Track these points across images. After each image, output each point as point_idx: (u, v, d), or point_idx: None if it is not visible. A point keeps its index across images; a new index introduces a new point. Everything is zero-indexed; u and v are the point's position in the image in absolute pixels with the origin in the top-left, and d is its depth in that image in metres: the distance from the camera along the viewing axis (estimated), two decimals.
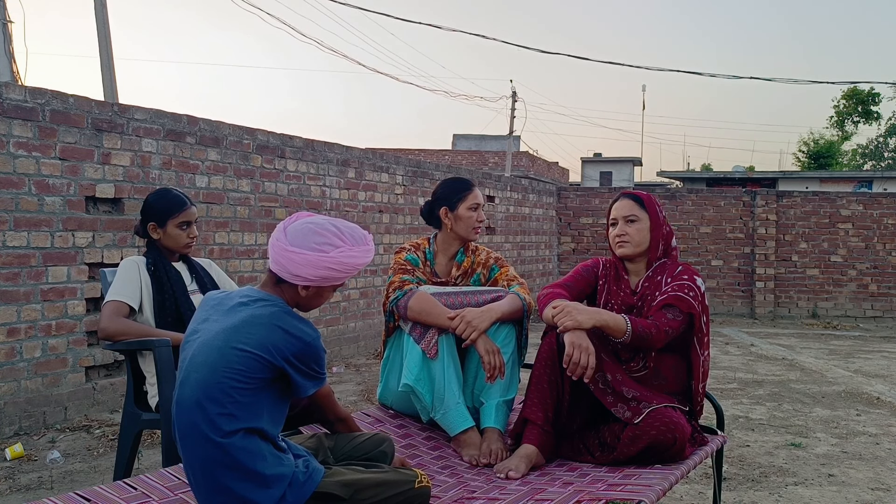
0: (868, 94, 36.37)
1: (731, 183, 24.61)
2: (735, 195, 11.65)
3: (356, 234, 1.95)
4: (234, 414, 1.76)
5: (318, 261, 1.87)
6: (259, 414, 1.80)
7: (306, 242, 1.88)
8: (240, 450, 1.76)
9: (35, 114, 4.38)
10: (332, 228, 1.91)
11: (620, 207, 2.76)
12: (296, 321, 1.85)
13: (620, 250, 2.75)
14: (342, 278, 1.93)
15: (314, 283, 1.90)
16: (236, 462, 1.76)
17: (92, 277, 4.67)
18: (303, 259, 1.87)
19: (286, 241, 1.89)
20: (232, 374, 1.77)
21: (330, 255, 1.87)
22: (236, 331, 1.81)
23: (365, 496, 1.87)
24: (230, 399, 1.76)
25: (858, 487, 3.60)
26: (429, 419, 2.78)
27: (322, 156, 6.82)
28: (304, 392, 1.88)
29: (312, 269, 1.87)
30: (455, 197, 2.95)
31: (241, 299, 1.90)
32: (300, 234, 1.89)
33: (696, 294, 2.62)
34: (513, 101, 29.16)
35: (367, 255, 1.96)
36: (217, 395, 1.77)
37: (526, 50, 59.48)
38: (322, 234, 1.89)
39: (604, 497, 2.10)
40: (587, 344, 2.44)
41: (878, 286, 11.22)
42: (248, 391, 1.78)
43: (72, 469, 3.74)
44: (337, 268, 1.89)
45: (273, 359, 1.79)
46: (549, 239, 11.61)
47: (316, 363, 1.87)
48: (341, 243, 1.90)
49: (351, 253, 1.90)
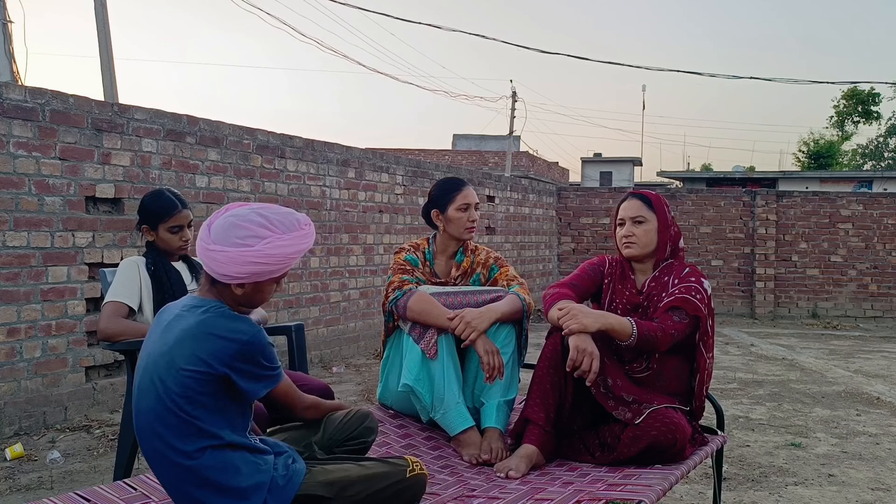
0: (868, 94, 36.41)
1: (731, 183, 24.60)
2: (735, 195, 11.66)
3: (287, 221, 1.79)
4: (194, 434, 1.69)
5: (241, 256, 1.72)
6: (221, 427, 1.71)
7: (228, 238, 1.74)
8: (210, 468, 1.69)
9: (35, 114, 4.38)
10: (258, 219, 1.76)
11: (628, 208, 2.72)
12: (228, 322, 1.73)
13: (627, 251, 2.71)
14: (277, 271, 1.79)
15: (245, 279, 1.76)
16: (208, 481, 1.70)
17: (92, 277, 4.67)
18: (225, 257, 1.73)
19: (209, 239, 1.75)
20: (179, 397, 1.69)
21: (255, 249, 1.73)
22: (171, 351, 1.72)
23: (352, 492, 1.79)
24: (185, 421, 1.69)
25: (858, 487, 3.60)
26: (429, 419, 2.78)
27: (322, 156, 6.82)
28: (255, 395, 1.76)
29: (237, 266, 1.73)
30: (445, 199, 2.95)
31: (178, 311, 1.80)
32: (222, 229, 1.75)
33: (702, 297, 2.60)
34: (513, 101, 29.17)
35: (302, 241, 1.80)
36: (171, 420, 1.70)
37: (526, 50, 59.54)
38: (245, 226, 1.74)
39: (604, 497, 2.10)
40: (592, 348, 2.42)
41: (878, 286, 11.22)
42: (202, 408, 1.69)
43: (72, 469, 3.74)
44: (265, 261, 1.74)
45: (212, 369, 1.68)
46: (549, 239, 11.61)
47: (262, 360, 1.74)
48: (268, 233, 1.75)
49: (280, 243, 1.75)
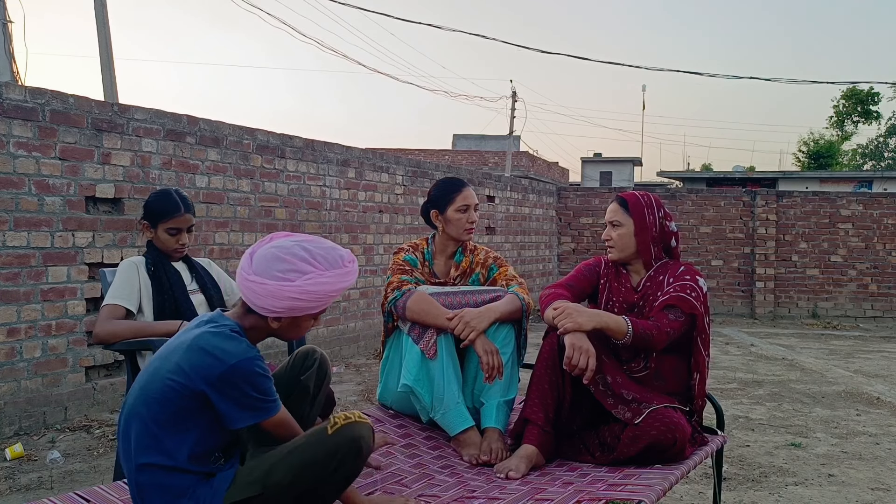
0: (868, 94, 36.40)
1: (731, 183, 24.60)
2: (735, 195, 11.65)
3: (331, 256, 1.74)
4: (150, 447, 1.66)
5: (280, 291, 1.67)
6: (180, 448, 1.66)
7: (269, 270, 1.69)
8: (148, 486, 1.67)
9: (35, 114, 4.38)
10: (301, 252, 1.71)
11: (609, 211, 2.79)
12: (222, 341, 1.65)
13: (608, 254, 2.80)
14: (315, 308, 1.73)
15: (281, 314, 1.71)
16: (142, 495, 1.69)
17: (92, 277, 4.67)
18: (264, 290, 1.68)
19: (250, 269, 1.71)
20: (155, 403, 1.66)
21: (294, 284, 1.67)
22: (166, 357, 1.70)
23: (278, 477, 1.69)
24: (149, 430, 1.66)
25: (858, 487, 3.60)
26: (428, 419, 2.77)
27: (322, 156, 6.82)
28: (233, 423, 1.65)
29: (275, 301, 1.68)
30: (444, 199, 2.95)
31: (196, 321, 1.77)
32: (264, 260, 1.70)
33: (698, 294, 2.62)
34: (513, 101, 29.18)
35: (344, 279, 1.74)
36: (132, 425, 1.68)
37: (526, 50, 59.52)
38: (287, 259, 1.69)
39: (604, 497, 2.10)
40: (587, 346, 2.44)
41: (878, 286, 11.22)
42: (171, 421, 1.64)
43: (72, 469, 3.74)
44: (304, 297, 1.68)
45: (189, 382, 1.62)
46: (549, 239, 11.61)
47: (249, 388, 1.64)
48: (310, 269, 1.69)
49: (321, 280, 1.70)
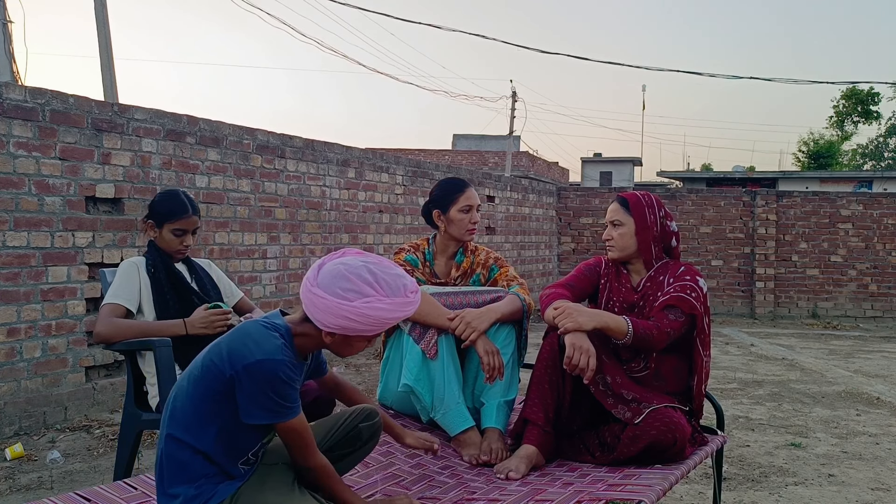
0: (868, 94, 36.39)
1: (731, 183, 24.61)
2: (735, 195, 11.65)
3: (395, 284, 1.75)
4: (178, 421, 1.73)
5: (339, 308, 1.69)
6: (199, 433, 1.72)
7: (332, 286, 1.71)
8: (166, 456, 1.74)
9: (35, 114, 4.38)
10: (366, 275, 1.72)
11: (609, 210, 2.79)
12: (260, 336, 1.70)
13: (608, 254, 2.80)
14: (369, 331, 1.74)
15: (335, 330, 1.73)
16: (161, 464, 1.75)
17: (92, 277, 4.67)
18: (322, 304, 1.71)
19: (315, 281, 1.74)
20: (192, 380, 1.74)
21: (352, 305, 1.69)
22: (216, 343, 1.77)
23: None
24: (181, 405, 1.74)
25: (858, 487, 3.60)
26: (429, 419, 2.77)
27: (322, 156, 6.82)
28: (247, 416, 1.70)
29: (331, 317, 1.71)
30: (446, 199, 2.95)
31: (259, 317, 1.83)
32: (329, 275, 1.73)
33: (698, 295, 2.62)
34: (513, 101, 29.17)
35: (402, 309, 1.75)
36: (178, 397, 1.76)
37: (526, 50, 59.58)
38: (352, 279, 1.71)
39: (604, 497, 2.10)
40: (588, 346, 2.44)
41: (878, 286, 11.22)
42: (201, 401, 1.71)
43: (72, 469, 3.74)
44: (359, 319, 1.70)
45: (223, 364, 1.68)
46: (549, 239, 11.61)
47: (268, 388, 1.68)
48: (372, 292, 1.71)
49: (379, 305, 1.71)
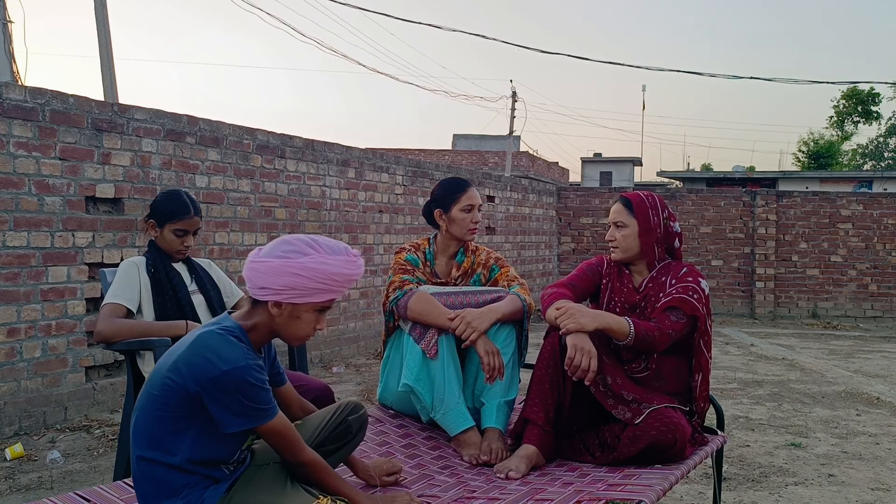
0: (868, 94, 36.37)
1: (731, 183, 24.61)
2: (735, 195, 11.65)
3: (335, 246, 1.81)
4: (145, 441, 1.75)
5: (282, 267, 1.75)
6: (177, 447, 1.74)
7: (274, 251, 1.78)
8: (141, 477, 1.77)
9: (35, 114, 4.38)
10: (307, 240, 1.80)
11: (612, 211, 2.79)
12: (219, 345, 1.72)
13: (612, 254, 2.80)
14: (316, 291, 1.78)
15: (281, 295, 1.76)
16: (139, 485, 1.78)
17: (92, 277, 4.67)
18: (266, 266, 1.76)
19: (257, 254, 1.80)
20: (151, 400, 1.74)
21: (295, 261, 1.75)
22: (168, 355, 1.78)
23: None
24: (146, 425, 1.75)
25: (858, 487, 3.60)
26: (429, 419, 2.77)
27: (322, 156, 6.82)
28: (226, 427, 1.72)
29: (276, 277, 1.75)
30: (448, 199, 2.95)
31: (202, 326, 1.84)
32: (271, 245, 1.81)
33: (699, 296, 2.62)
34: (513, 101, 29.14)
35: (346, 266, 1.80)
36: (139, 419, 1.77)
37: (526, 50, 59.35)
38: (293, 243, 1.79)
39: (604, 497, 2.10)
40: (589, 347, 2.44)
41: (878, 286, 11.22)
42: (166, 419, 1.73)
43: (72, 469, 3.74)
44: (304, 274, 1.75)
45: (185, 382, 1.69)
46: (549, 239, 11.61)
47: (239, 395, 1.70)
48: (312, 251, 1.77)
49: (324, 260, 1.76)
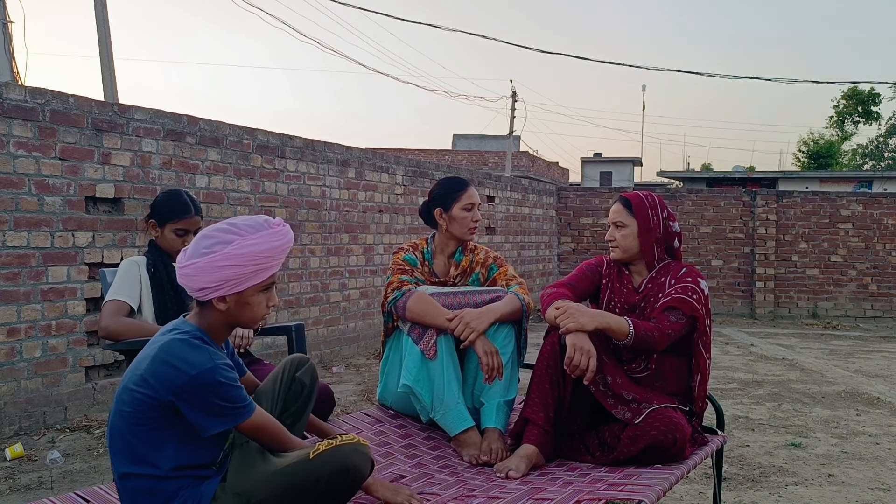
0: (868, 94, 36.35)
1: (731, 183, 24.60)
2: (735, 195, 11.65)
3: (255, 223, 1.79)
4: (130, 457, 1.73)
5: (209, 263, 1.73)
6: (160, 456, 1.73)
7: (196, 251, 1.76)
8: (130, 492, 1.75)
9: (35, 114, 4.38)
10: (224, 226, 1.78)
11: (612, 211, 2.79)
12: (185, 351, 1.71)
13: (611, 255, 2.81)
14: (253, 274, 1.77)
15: (221, 289, 1.75)
16: (129, 499, 1.76)
17: (92, 277, 4.67)
18: (195, 269, 1.74)
19: (183, 260, 1.78)
20: (124, 417, 1.73)
21: (220, 254, 1.73)
22: (132, 370, 1.77)
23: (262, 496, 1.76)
24: (124, 442, 1.74)
25: (858, 487, 3.60)
26: (428, 419, 2.77)
27: (322, 156, 6.82)
28: (204, 430, 1.73)
29: (208, 275, 1.74)
30: (449, 198, 2.95)
31: (163, 330, 1.82)
32: (193, 245, 1.78)
33: (699, 297, 2.63)
34: (513, 101, 29.13)
35: (272, 239, 1.78)
36: (115, 437, 1.76)
37: (526, 50, 59.35)
38: (211, 235, 1.76)
39: (604, 497, 2.10)
40: (589, 346, 2.44)
41: (878, 286, 11.22)
42: (143, 432, 1.72)
43: (72, 469, 3.74)
44: (234, 262, 1.73)
45: (156, 393, 1.69)
46: (549, 239, 11.61)
47: (213, 396, 1.70)
48: (234, 237, 1.75)
49: (248, 242, 1.75)
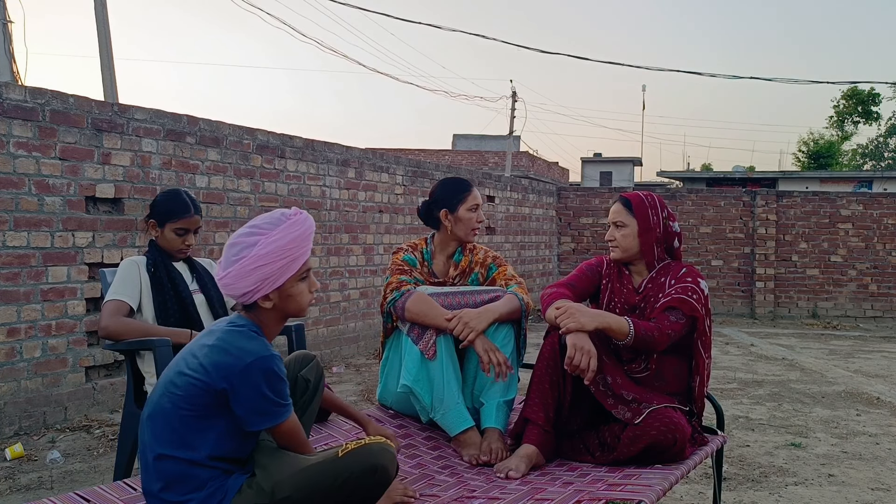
0: (868, 94, 36.38)
1: (731, 183, 24.61)
2: (735, 195, 11.65)
3: (273, 219, 1.86)
4: (166, 440, 1.76)
5: (242, 269, 1.79)
6: (201, 443, 1.76)
7: (227, 261, 1.82)
8: (162, 474, 1.77)
9: (35, 114, 4.38)
10: (245, 230, 1.85)
11: (612, 211, 2.80)
12: (243, 340, 1.77)
13: (611, 254, 2.81)
14: (288, 267, 1.83)
15: (261, 289, 1.81)
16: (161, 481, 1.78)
17: (92, 277, 4.67)
18: (231, 278, 1.80)
19: (220, 272, 1.84)
20: (174, 399, 1.76)
21: (249, 257, 1.79)
22: (189, 354, 1.80)
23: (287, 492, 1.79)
24: (167, 424, 1.76)
25: (858, 487, 3.60)
26: (428, 419, 2.77)
27: (322, 156, 6.82)
28: (249, 424, 1.77)
29: (245, 280, 1.80)
30: (455, 198, 2.94)
31: (222, 322, 1.87)
32: (224, 258, 1.84)
33: (699, 297, 2.63)
34: (513, 101, 29.13)
35: (293, 229, 1.84)
36: (157, 419, 1.78)
37: (526, 50, 59.28)
38: (236, 243, 1.83)
39: (604, 497, 2.10)
40: (589, 346, 2.44)
41: (878, 286, 11.22)
42: (191, 417, 1.75)
43: (72, 469, 3.74)
44: (266, 262, 1.80)
45: (211, 379, 1.73)
46: (549, 239, 11.61)
47: (266, 387, 1.75)
48: (258, 238, 1.81)
49: (271, 239, 1.81)
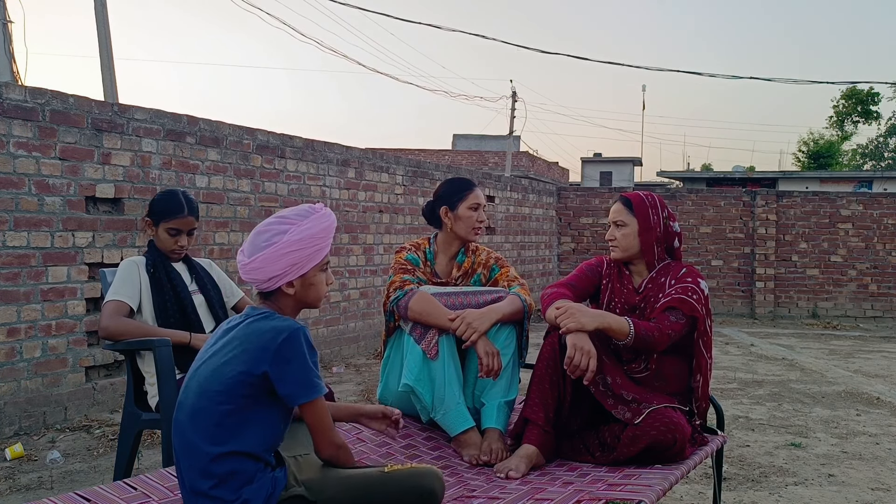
0: (868, 94, 36.38)
1: (731, 183, 24.61)
2: (735, 195, 11.65)
3: (301, 210, 1.92)
4: (214, 438, 1.77)
5: (274, 253, 1.85)
6: (247, 436, 1.79)
7: (257, 247, 1.87)
8: (214, 470, 1.77)
9: (35, 114, 4.38)
10: (275, 220, 1.90)
11: (612, 211, 2.80)
12: (272, 321, 1.83)
13: (611, 254, 2.81)
14: (314, 255, 1.89)
15: (289, 274, 1.87)
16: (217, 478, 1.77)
17: (92, 277, 4.67)
18: (261, 261, 1.86)
19: (245, 258, 1.89)
20: (211, 396, 1.78)
21: (282, 242, 1.85)
22: (219, 352, 1.83)
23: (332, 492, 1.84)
24: (214, 423, 1.78)
25: (858, 487, 3.60)
26: (429, 419, 2.78)
27: (322, 156, 6.82)
28: (295, 400, 1.81)
29: (275, 264, 1.86)
30: (456, 197, 2.95)
31: (237, 320, 1.90)
32: (249, 244, 1.90)
33: (699, 297, 2.63)
34: (513, 101, 29.13)
35: (322, 220, 1.91)
36: (199, 419, 1.79)
37: (526, 50, 59.37)
38: (266, 230, 1.88)
39: (604, 497, 2.10)
40: (589, 347, 2.44)
41: (878, 286, 11.22)
42: (234, 412, 1.78)
43: (72, 469, 3.74)
44: (297, 248, 1.86)
45: (250, 367, 1.77)
46: (549, 239, 11.61)
47: (304, 358, 1.79)
48: (288, 227, 1.87)
49: (301, 228, 1.87)
